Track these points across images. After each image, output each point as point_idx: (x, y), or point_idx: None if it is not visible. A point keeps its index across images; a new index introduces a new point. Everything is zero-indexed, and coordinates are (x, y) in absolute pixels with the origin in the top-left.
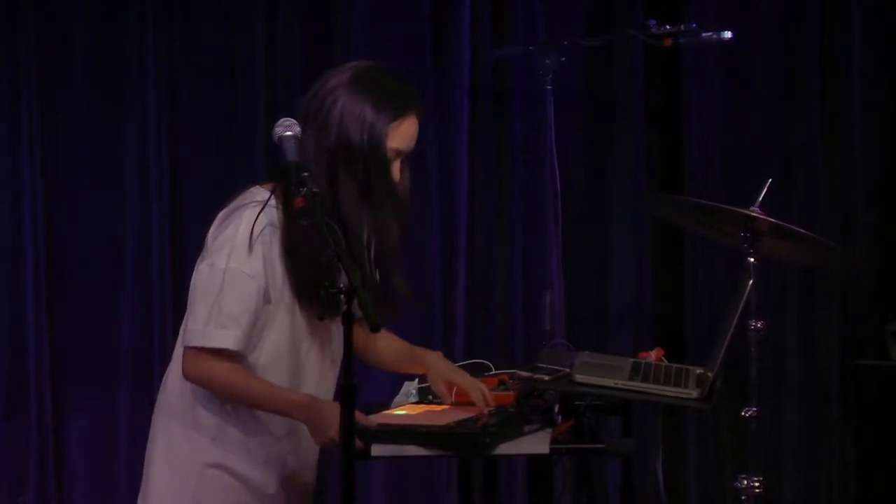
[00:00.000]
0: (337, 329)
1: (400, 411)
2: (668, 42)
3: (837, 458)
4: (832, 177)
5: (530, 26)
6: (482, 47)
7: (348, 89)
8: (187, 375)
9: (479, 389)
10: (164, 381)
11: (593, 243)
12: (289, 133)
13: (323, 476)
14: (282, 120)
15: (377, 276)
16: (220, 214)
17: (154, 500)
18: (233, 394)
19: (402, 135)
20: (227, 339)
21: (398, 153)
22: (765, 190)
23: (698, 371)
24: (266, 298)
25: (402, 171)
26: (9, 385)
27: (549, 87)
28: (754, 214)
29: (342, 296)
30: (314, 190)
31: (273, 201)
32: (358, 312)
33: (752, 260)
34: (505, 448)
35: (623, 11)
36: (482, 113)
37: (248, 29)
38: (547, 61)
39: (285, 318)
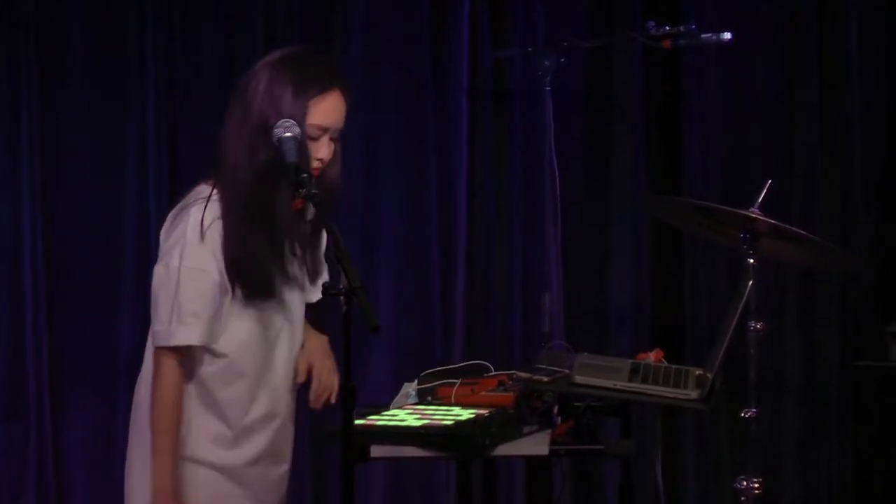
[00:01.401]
0: (299, 311)
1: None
2: (668, 43)
3: (836, 460)
4: (832, 177)
5: (530, 28)
6: (481, 49)
7: (270, 69)
8: (152, 385)
9: (321, 379)
10: (137, 382)
11: (593, 244)
12: (288, 134)
13: (322, 477)
14: (281, 121)
15: (297, 254)
16: (170, 214)
17: (136, 498)
18: (163, 406)
19: (324, 111)
20: (190, 335)
21: (322, 129)
22: (764, 191)
23: (697, 372)
24: (223, 290)
25: (332, 150)
26: (8, 386)
27: (548, 89)
28: (754, 216)
29: (341, 297)
30: (312, 191)
31: (216, 196)
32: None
33: (751, 261)
34: (504, 449)
35: (622, 13)
36: (482, 114)
37: (247, 29)
38: (546, 63)
39: (249, 308)
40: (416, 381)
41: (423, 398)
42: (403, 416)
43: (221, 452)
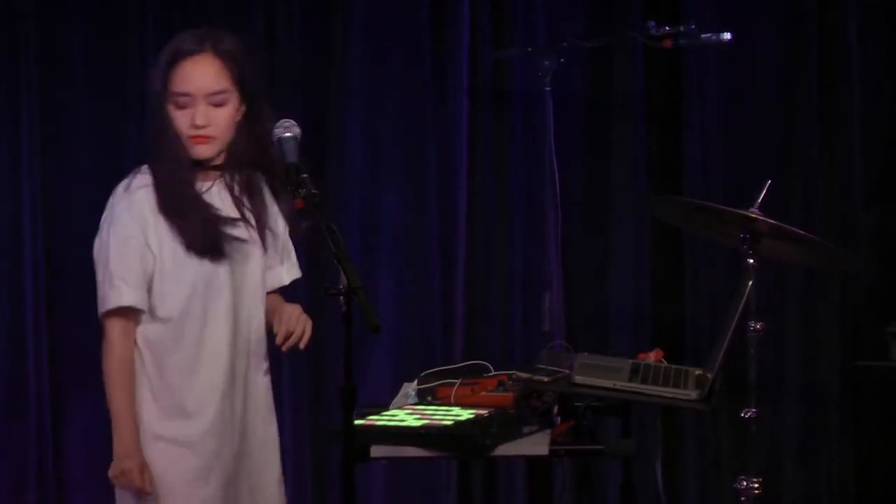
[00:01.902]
0: (246, 274)
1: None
2: (668, 43)
3: (836, 459)
4: (832, 177)
5: (530, 28)
6: (482, 49)
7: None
8: (103, 356)
9: (284, 320)
10: None
11: (593, 244)
12: (288, 134)
13: (323, 477)
14: (281, 121)
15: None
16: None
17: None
18: (111, 370)
19: (183, 77)
20: (120, 297)
21: (184, 95)
22: (764, 191)
23: (697, 372)
24: (150, 252)
25: (213, 113)
26: (8, 385)
27: (548, 89)
28: (754, 216)
29: (341, 297)
30: (313, 191)
31: (146, 169)
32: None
33: (751, 261)
34: (504, 449)
35: (622, 13)
36: (482, 114)
37: (248, 29)
38: (546, 63)
39: (184, 270)
40: (415, 381)
41: (423, 398)
42: (403, 416)
43: (176, 424)
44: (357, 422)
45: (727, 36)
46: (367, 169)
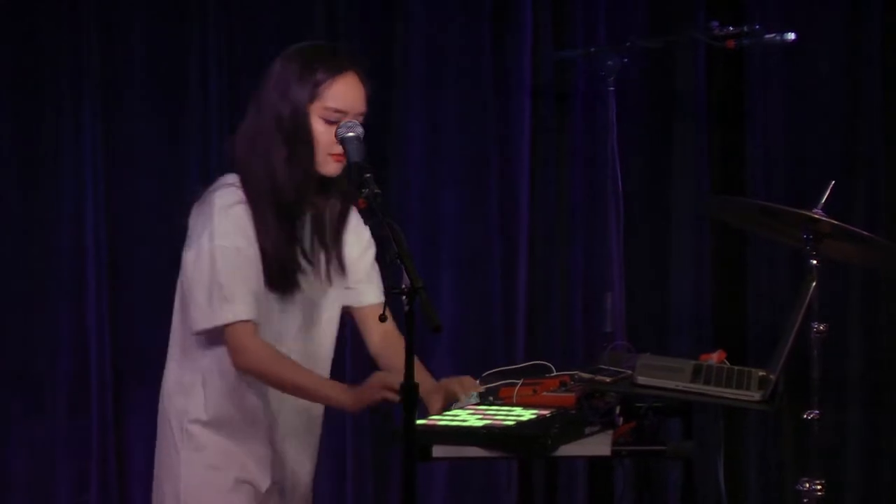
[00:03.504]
0: (321, 307)
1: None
2: (731, 44)
3: None
4: (895, 178)
5: (592, 28)
6: (543, 49)
7: (280, 62)
8: (236, 365)
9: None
10: (164, 374)
11: (654, 245)
12: (351, 134)
13: (384, 476)
14: (344, 121)
15: (315, 249)
16: (195, 205)
17: (167, 485)
18: (276, 371)
19: (338, 93)
20: (236, 311)
21: (338, 112)
22: (828, 192)
23: (760, 373)
24: (258, 265)
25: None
26: (71, 382)
27: (610, 89)
28: (817, 216)
29: (403, 296)
30: (376, 191)
31: (237, 182)
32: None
33: (814, 262)
34: (566, 449)
35: (685, 13)
36: (543, 115)
37: (306, 30)
38: (609, 63)
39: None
40: (477, 382)
41: (485, 398)
42: (465, 416)
43: (220, 437)
44: (419, 422)
45: (791, 36)
46: (428, 169)
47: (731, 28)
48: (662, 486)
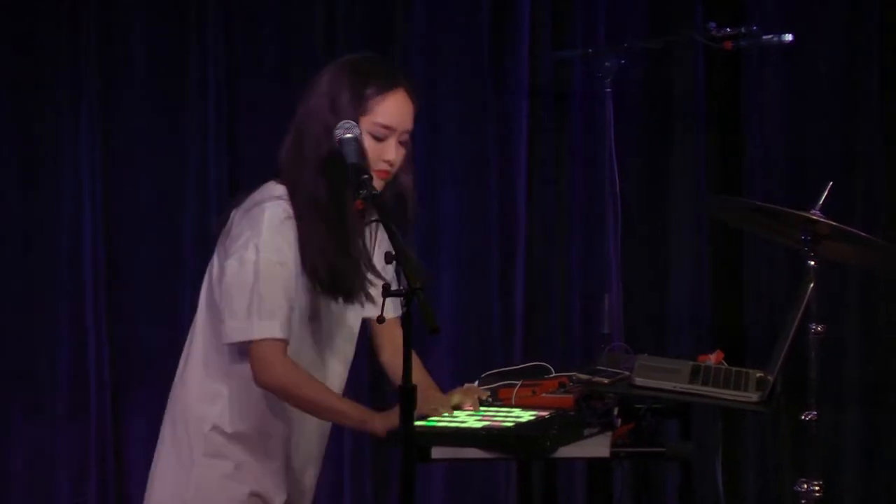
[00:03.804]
0: (351, 322)
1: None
2: (729, 45)
3: None
4: (894, 179)
5: (590, 28)
6: (541, 50)
7: (330, 73)
8: (259, 381)
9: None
10: (175, 378)
11: (652, 246)
12: (348, 135)
13: (383, 478)
14: (342, 122)
15: (368, 263)
16: (239, 211)
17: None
18: (302, 393)
19: (388, 110)
20: (273, 328)
21: (386, 128)
22: (826, 193)
23: (758, 374)
24: (296, 286)
25: (402, 154)
26: (70, 385)
27: (608, 90)
28: (815, 217)
29: (401, 298)
30: (373, 192)
31: (285, 195)
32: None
33: (812, 263)
34: (565, 451)
35: (682, 14)
36: (541, 115)
37: (306, 30)
38: (606, 64)
39: (304, 300)
40: (476, 383)
41: (484, 400)
42: (464, 417)
43: (239, 448)
44: (417, 423)
45: (789, 37)
46: (426, 170)
47: (728, 29)
48: (661, 487)
